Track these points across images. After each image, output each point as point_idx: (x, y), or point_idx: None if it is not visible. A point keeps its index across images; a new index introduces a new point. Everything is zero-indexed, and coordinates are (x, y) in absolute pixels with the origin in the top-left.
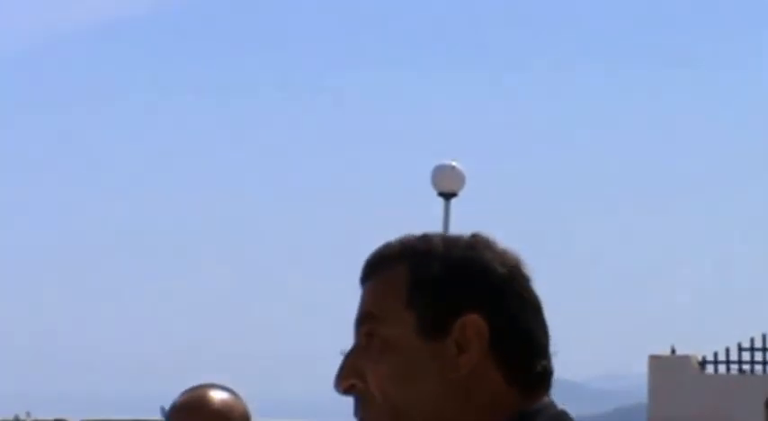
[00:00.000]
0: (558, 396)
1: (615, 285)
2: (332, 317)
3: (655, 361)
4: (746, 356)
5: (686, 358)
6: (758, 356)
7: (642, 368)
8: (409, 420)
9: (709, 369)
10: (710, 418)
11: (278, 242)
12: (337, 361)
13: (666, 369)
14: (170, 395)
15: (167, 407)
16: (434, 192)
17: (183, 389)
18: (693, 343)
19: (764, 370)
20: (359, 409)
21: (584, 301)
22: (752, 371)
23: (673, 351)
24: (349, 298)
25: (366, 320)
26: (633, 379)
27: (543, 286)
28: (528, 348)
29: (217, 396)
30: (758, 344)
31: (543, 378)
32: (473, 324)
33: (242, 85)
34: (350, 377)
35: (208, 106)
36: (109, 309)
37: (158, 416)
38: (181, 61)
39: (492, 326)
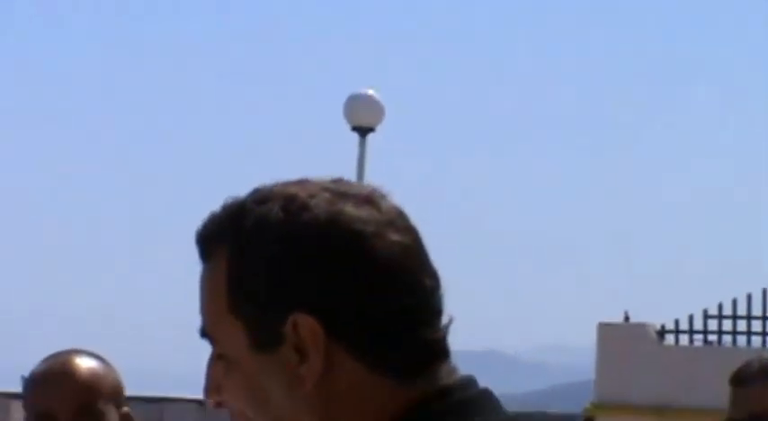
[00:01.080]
0: (490, 372)
1: (557, 244)
2: None
3: (605, 330)
4: (713, 325)
5: (642, 327)
6: (727, 325)
7: (590, 339)
8: None
9: (669, 339)
10: (669, 396)
11: (176, 192)
12: None
13: (618, 339)
14: (32, 363)
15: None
16: (348, 127)
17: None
18: (650, 311)
19: (734, 340)
20: None
21: (519, 262)
22: (719, 341)
23: (626, 318)
24: None
25: (205, 337)
26: (577, 351)
27: (469, 240)
28: (394, 324)
29: (83, 364)
30: (727, 310)
31: (427, 351)
32: (304, 324)
33: None
34: (214, 393)
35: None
36: None
37: (18, 387)
38: None
39: (333, 317)
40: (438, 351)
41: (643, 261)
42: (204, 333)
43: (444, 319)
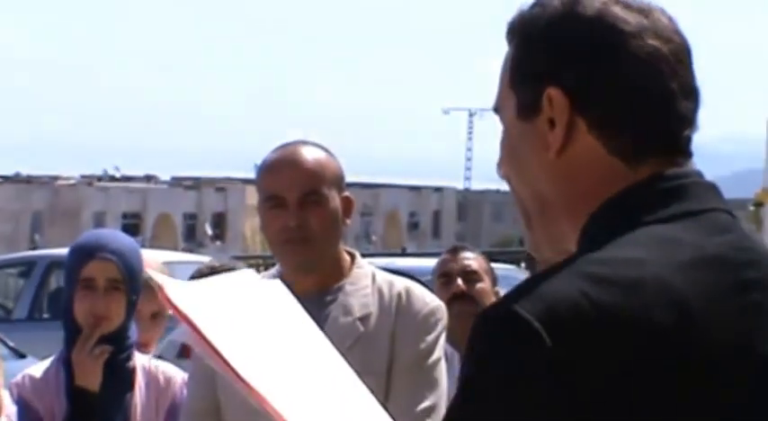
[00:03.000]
0: None
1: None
2: (433, 73)
3: None
4: None
5: None
6: None
7: (761, 130)
8: (527, 205)
9: None
10: None
11: None
12: (436, 119)
13: None
14: (262, 152)
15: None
16: None
17: (274, 146)
18: None
19: None
20: None
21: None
22: None
23: None
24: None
25: (497, 112)
26: (751, 142)
27: None
28: (631, 112)
29: (310, 153)
30: None
31: (658, 143)
32: (555, 97)
33: None
34: (500, 167)
35: None
36: (196, 63)
37: (251, 173)
38: None
39: (579, 93)
40: (671, 145)
41: None
42: (496, 109)
43: (692, 129)
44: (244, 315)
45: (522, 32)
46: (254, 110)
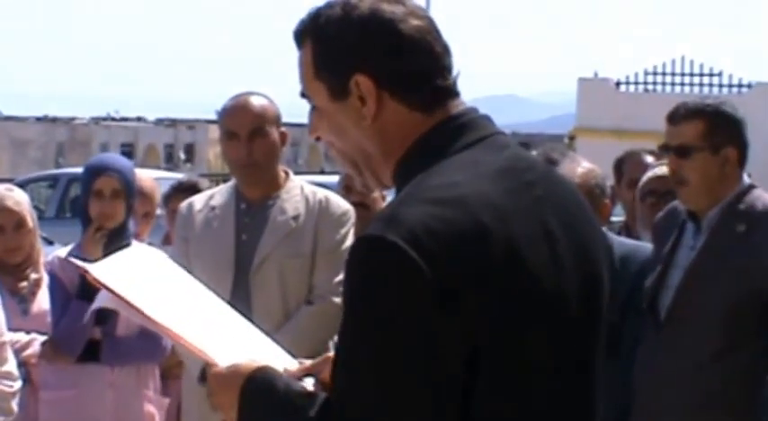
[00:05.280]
0: (510, 108)
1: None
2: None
3: (582, 82)
4: (651, 79)
5: (606, 80)
6: (660, 79)
7: (573, 86)
8: (355, 158)
9: (623, 88)
10: (623, 125)
11: None
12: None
13: (590, 88)
14: (220, 101)
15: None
16: None
17: (229, 97)
18: (612, 69)
19: (663, 90)
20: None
21: (532, 31)
22: (654, 90)
23: (596, 74)
24: None
25: (303, 97)
26: (565, 95)
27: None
28: (418, 77)
29: (256, 101)
30: (660, 69)
31: (441, 94)
32: (362, 82)
33: None
34: (314, 132)
35: None
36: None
37: (213, 116)
38: None
39: (380, 75)
40: (448, 93)
41: (610, 27)
42: (303, 94)
43: (454, 73)
44: (152, 279)
45: (316, 35)
46: (214, 73)
